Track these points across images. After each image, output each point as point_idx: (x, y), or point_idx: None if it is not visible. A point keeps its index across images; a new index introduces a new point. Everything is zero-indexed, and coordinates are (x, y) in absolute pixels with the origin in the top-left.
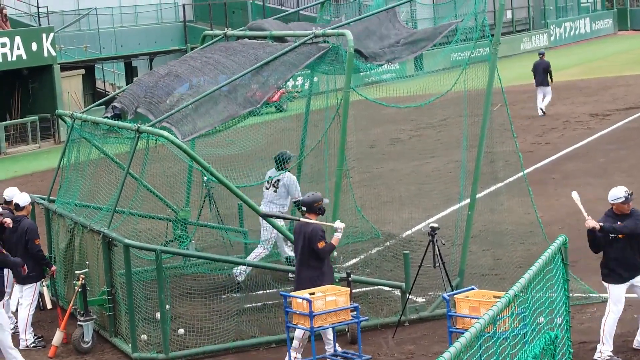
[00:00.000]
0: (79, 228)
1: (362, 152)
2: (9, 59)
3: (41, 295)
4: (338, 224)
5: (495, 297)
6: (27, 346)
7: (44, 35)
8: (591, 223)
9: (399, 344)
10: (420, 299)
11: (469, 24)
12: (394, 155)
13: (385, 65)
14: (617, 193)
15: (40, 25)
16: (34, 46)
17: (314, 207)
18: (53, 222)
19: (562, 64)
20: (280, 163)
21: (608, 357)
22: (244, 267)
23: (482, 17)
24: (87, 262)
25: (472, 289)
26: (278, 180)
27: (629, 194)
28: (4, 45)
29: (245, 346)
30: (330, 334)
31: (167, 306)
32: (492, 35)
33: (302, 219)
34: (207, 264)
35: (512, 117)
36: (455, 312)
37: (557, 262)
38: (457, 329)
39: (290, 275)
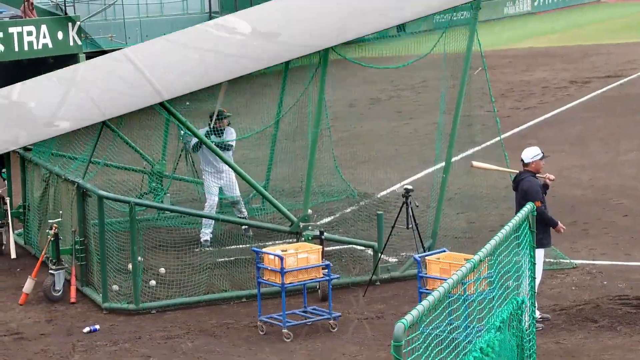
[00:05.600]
0: (54, 178)
1: (340, 111)
2: (35, 47)
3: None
4: None
5: (466, 259)
6: None
7: (69, 24)
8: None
9: (369, 303)
10: (392, 259)
11: None
12: (372, 115)
13: None
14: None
15: (66, 14)
16: (60, 35)
17: None
18: (28, 171)
19: (544, 30)
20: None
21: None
22: (209, 226)
23: None
24: (61, 212)
25: (444, 251)
26: None
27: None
28: (30, 33)
29: (216, 300)
30: None
31: (140, 258)
32: None
33: None
34: (180, 217)
35: (491, 81)
36: (426, 274)
37: (524, 229)
38: (427, 290)
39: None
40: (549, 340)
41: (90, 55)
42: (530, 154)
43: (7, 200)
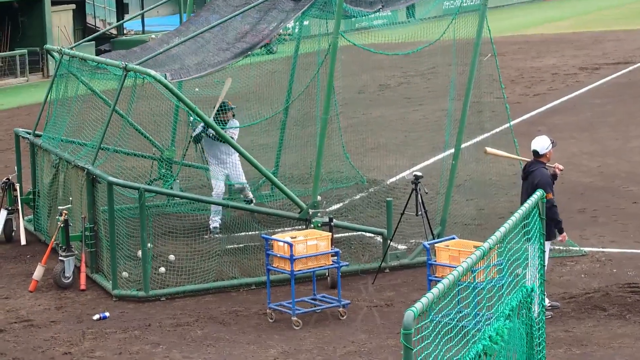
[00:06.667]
0: (64, 164)
1: (350, 97)
2: None
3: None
4: None
5: (475, 247)
6: None
7: None
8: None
9: (378, 290)
10: (401, 247)
11: None
12: (381, 102)
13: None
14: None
15: None
16: None
17: None
18: (38, 157)
19: (554, 17)
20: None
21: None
22: (217, 213)
23: None
24: (71, 198)
25: (453, 238)
26: None
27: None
28: None
29: (225, 287)
30: None
31: (149, 244)
32: None
33: None
34: (190, 203)
35: (501, 68)
36: (435, 261)
37: (534, 216)
38: (436, 277)
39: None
40: (558, 329)
41: (55, 1)
42: (544, 144)
43: (17, 186)
